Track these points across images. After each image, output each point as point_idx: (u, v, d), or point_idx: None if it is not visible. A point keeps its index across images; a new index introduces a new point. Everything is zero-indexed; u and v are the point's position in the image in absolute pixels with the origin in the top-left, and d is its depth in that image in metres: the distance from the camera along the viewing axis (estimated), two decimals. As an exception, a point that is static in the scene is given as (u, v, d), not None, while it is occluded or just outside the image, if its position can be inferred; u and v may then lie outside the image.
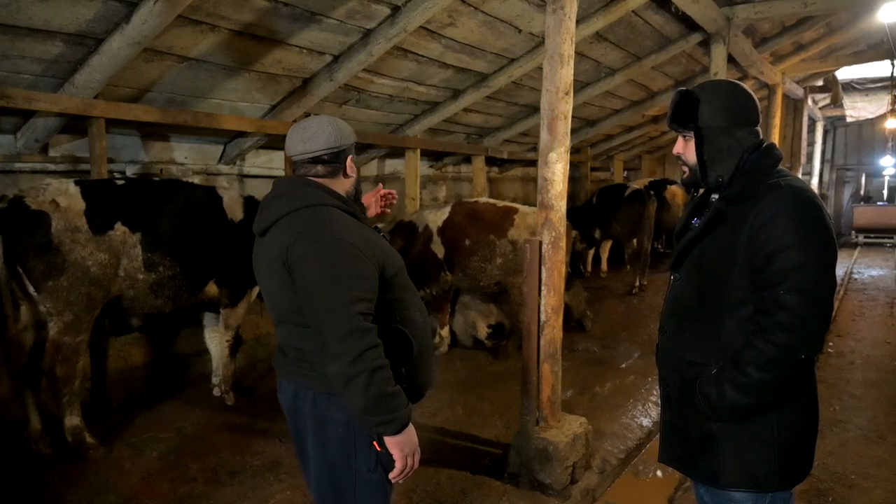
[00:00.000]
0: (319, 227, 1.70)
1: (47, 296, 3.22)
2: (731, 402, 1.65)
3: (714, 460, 1.74)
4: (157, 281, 3.62)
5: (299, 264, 1.68)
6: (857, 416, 4.22)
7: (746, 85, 1.85)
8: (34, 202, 3.22)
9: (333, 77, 4.47)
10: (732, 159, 1.74)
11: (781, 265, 1.58)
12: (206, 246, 3.84)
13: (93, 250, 3.33)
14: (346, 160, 1.87)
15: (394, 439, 1.68)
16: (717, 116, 1.74)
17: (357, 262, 1.68)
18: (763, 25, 6.67)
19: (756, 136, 1.77)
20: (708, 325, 1.73)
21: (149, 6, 3.04)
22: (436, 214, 5.56)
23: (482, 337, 5.70)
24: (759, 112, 1.79)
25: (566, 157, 3.17)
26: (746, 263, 1.64)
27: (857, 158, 16.34)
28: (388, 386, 1.64)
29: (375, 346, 1.63)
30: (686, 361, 1.79)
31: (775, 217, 1.60)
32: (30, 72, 3.49)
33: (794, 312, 1.57)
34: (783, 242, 1.58)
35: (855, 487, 3.26)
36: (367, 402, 1.61)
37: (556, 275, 3.20)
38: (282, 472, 3.32)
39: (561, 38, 3.07)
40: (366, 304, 1.66)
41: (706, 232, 1.75)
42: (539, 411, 3.25)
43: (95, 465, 3.33)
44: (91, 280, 3.32)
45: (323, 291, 1.64)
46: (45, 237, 3.19)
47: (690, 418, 1.78)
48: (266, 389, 4.53)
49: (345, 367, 1.60)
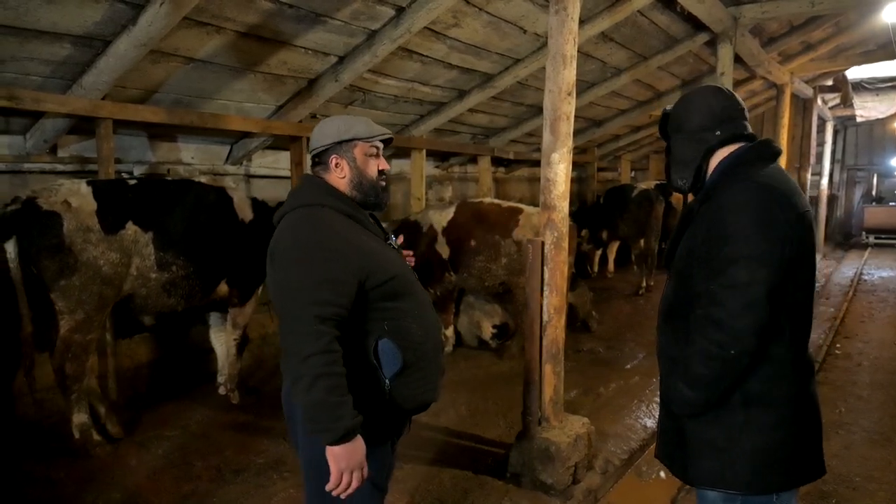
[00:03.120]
0: (303, 227, 1.74)
1: (59, 295, 3.27)
2: (683, 398, 1.68)
3: (684, 456, 1.76)
4: (171, 280, 3.66)
5: (276, 260, 1.74)
6: (863, 418, 4.19)
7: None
8: (46, 203, 3.27)
9: (339, 78, 4.49)
10: (694, 161, 1.77)
11: (720, 258, 1.58)
12: (218, 245, 3.89)
13: (104, 250, 3.37)
14: (328, 159, 1.87)
15: (330, 450, 1.62)
16: (677, 124, 1.82)
17: (330, 266, 1.67)
18: (770, 25, 6.63)
19: (731, 131, 1.75)
20: (683, 323, 1.74)
21: (155, 8, 3.07)
22: (440, 214, 5.57)
23: (487, 337, 5.71)
24: (738, 108, 1.78)
25: (569, 157, 3.17)
26: (702, 256, 1.66)
27: (869, 158, 16.18)
28: (332, 395, 1.59)
29: (326, 352, 1.59)
30: (670, 358, 1.81)
31: (721, 209, 1.61)
32: (38, 73, 3.53)
33: (723, 308, 1.56)
34: (724, 234, 1.58)
35: (859, 490, 3.24)
36: (306, 405, 1.61)
37: (559, 275, 3.20)
38: (285, 471, 3.34)
39: (563, 39, 3.08)
40: (331, 309, 1.64)
41: (681, 231, 1.79)
42: (541, 411, 3.26)
43: (101, 463, 3.37)
44: (102, 279, 3.36)
45: (287, 289, 1.67)
46: (56, 237, 3.23)
47: (670, 415, 1.81)
48: (270, 388, 4.56)
49: (293, 365, 1.62)
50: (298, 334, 1.62)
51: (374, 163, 1.91)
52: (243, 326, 4.28)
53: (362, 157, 1.89)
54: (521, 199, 8.71)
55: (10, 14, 2.97)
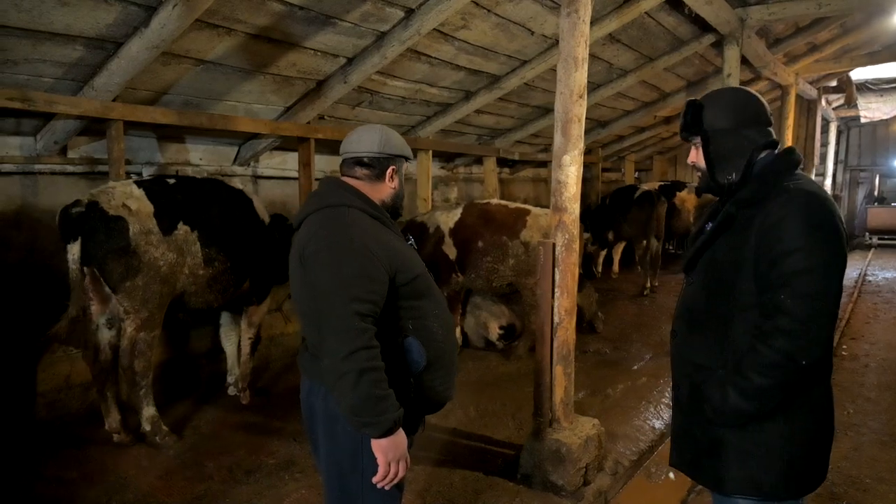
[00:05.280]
0: (335, 226, 1.76)
1: (125, 296, 3.40)
2: (734, 407, 1.64)
3: (719, 466, 1.73)
4: (213, 276, 3.79)
5: (310, 259, 1.75)
6: (872, 419, 4.19)
7: (758, 86, 1.86)
8: (110, 207, 3.36)
9: (347, 79, 4.51)
10: (741, 158, 1.74)
11: (786, 269, 1.56)
12: (246, 242, 4.00)
13: (164, 251, 3.50)
14: (387, 168, 1.93)
15: (378, 443, 1.69)
16: (720, 117, 1.76)
17: (364, 263, 1.71)
18: (777, 26, 6.64)
19: (768, 136, 1.76)
20: (716, 330, 1.72)
21: (168, 10, 3.08)
22: (447, 215, 5.58)
23: (493, 338, 5.71)
24: (769, 113, 1.78)
25: (580, 159, 3.18)
26: (754, 267, 1.63)
27: (872, 159, 16.15)
28: (377, 388, 1.64)
29: (368, 348, 1.64)
30: (695, 365, 1.79)
31: (783, 220, 1.58)
32: (50, 75, 3.55)
33: (795, 318, 1.55)
34: (789, 246, 1.56)
35: (870, 492, 3.24)
36: (353, 401, 1.64)
37: (570, 277, 3.21)
38: (297, 472, 3.35)
39: (575, 42, 3.08)
40: (367, 306, 1.68)
41: (716, 235, 1.75)
42: (552, 413, 3.26)
43: (113, 463, 3.38)
44: (162, 279, 3.49)
45: (325, 287, 1.69)
46: (124, 241, 3.35)
47: (699, 423, 1.78)
48: (280, 389, 4.57)
49: (336, 363, 1.64)
50: (340, 331, 1.64)
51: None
52: (258, 325, 4.32)
53: (403, 173, 2.01)
54: (525, 200, 8.73)
55: (24, 16, 2.99)
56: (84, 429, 3.78)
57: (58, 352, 4.07)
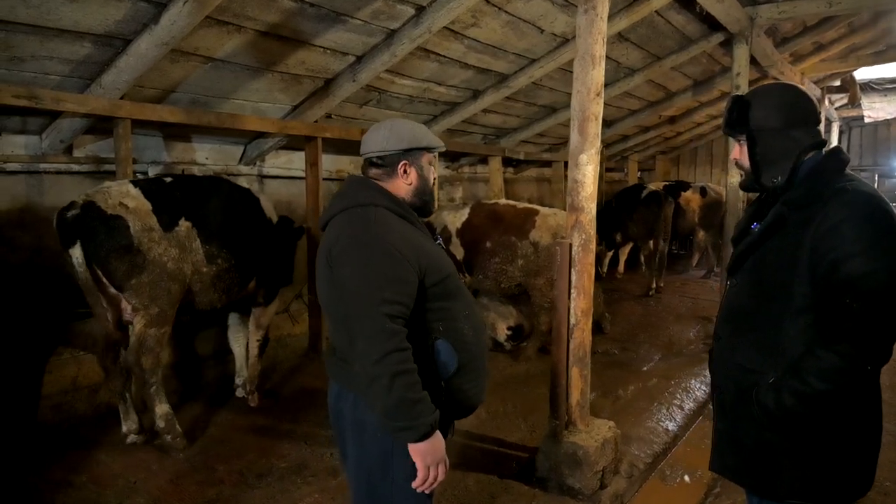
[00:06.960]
0: (362, 226, 1.71)
1: (132, 293, 3.35)
2: (790, 412, 1.60)
3: (770, 471, 1.69)
4: (217, 273, 3.74)
5: (337, 260, 1.70)
6: (889, 422, 4.13)
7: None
8: (108, 206, 3.29)
9: (356, 78, 4.46)
10: (788, 160, 1.70)
11: (848, 273, 1.52)
12: (251, 241, 3.94)
13: (167, 247, 3.45)
14: (398, 164, 1.86)
15: (415, 447, 1.65)
16: (768, 117, 1.71)
17: (393, 264, 1.66)
18: (785, 25, 6.60)
19: (816, 136, 1.72)
20: (766, 333, 1.68)
21: (178, 7, 3.03)
22: (454, 216, 5.53)
23: (502, 339, 5.67)
24: (818, 112, 1.75)
25: (597, 158, 3.13)
26: (810, 270, 1.59)
27: (873, 159, 16.15)
28: (411, 392, 1.60)
29: (400, 350, 1.60)
30: (742, 369, 1.74)
31: (842, 223, 1.55)
32: (57, 72, 3.50)
33: (860, 322, 1.52)
34: (850, 250, 1.52)
35: (891, 495, 3.21)
36: (387, 406, 1.59)
37: (587, 277, 3.16)
38: (309, 475, 3.30)
39: (592, 39, 3.04)
40: (398, 307, 1.63)
41: (766, 237, 1.70)
42: (568, 415, 3.22)
43: (123, 467, 3.33)
44: (169, 275, 3.44)
45: (354, 289, 1.65)
46: (126, 239, 3.30)
47: (745, 427, 1.73)
48: (289, 391, 4.52)
49: (368, 366, 1.59)
50: (370, 335, 1.59)
51: (431, 171, 1.93)
52: (266, 327, 4.26)
53: (427, 165, 1.91)
54: (529, 200, 8.68)
55: (32, 13, 2.94)
56: (91, 431, 3.72)
57: (64, 354, 4.02)
